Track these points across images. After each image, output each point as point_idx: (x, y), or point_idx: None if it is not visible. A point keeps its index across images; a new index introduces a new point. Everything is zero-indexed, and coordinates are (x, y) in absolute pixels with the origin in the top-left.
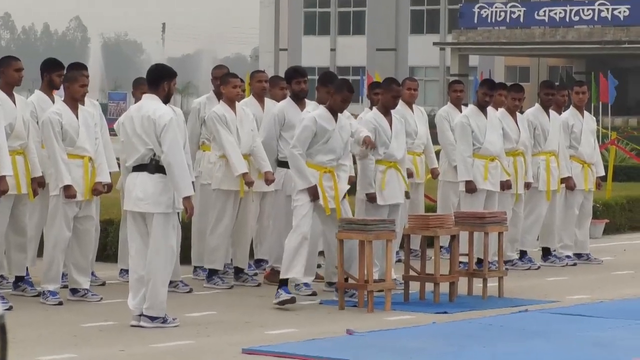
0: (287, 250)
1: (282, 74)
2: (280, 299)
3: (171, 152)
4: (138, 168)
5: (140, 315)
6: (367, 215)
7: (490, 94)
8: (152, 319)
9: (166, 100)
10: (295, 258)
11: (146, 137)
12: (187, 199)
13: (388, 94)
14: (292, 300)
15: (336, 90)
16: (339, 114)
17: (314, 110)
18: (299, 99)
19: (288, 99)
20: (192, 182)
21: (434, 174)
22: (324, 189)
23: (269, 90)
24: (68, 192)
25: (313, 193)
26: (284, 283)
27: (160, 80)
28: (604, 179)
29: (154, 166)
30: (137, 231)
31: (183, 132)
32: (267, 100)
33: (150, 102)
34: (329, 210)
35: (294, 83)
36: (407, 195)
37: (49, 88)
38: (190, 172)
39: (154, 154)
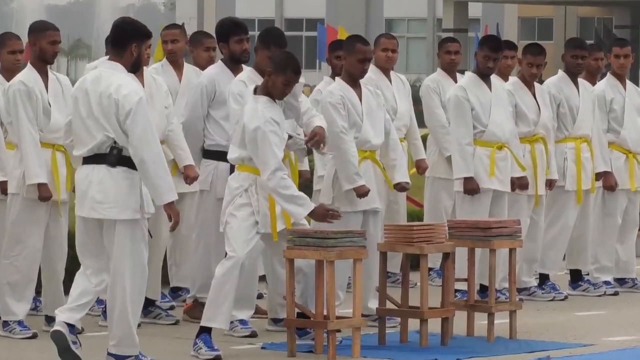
0: (215, 286)
1: (208, 29)
2: (201, 357)
3: (144, 146)
4: (92, 159)
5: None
6: (329, 225)
7: (494, 56)
8: (122, 358)
9: (134, 69)
10: (225, 302)
11: (105, 122)
12: (169, 205)
13: (351, 57)
14: (218, 358)
15: (276, 69)
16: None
17: (257, 100)
18: (237, 64)
19: (220, 63)
20: None
21: (421, 167)
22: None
23: (190, 51)
24: None
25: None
26: (205, 330)
27: (126, 41)
28: None
29: (115, 157)
30: (92, 243)
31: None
32: (186, 66)
33: (112, 74)
34: (276, 236)
35: (233, 42)
36: (402, 187)
37: None
38: None
39: (115, 142)
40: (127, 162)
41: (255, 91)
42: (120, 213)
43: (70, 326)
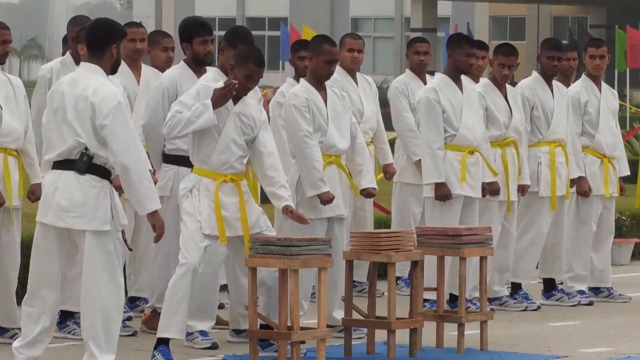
0: (168, 295)
1: (166, 28)
2: None
3: (124, 152)
4: (61, 165)
5: None
6: (293, 232)
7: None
8: None
9: (114, 70)
10: (177, 311)
11: (78, 126)
12: (152, 215)
13: (318, 58)
14: None
15: (238, 62)
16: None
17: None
18: (200, 66)
19: (182, 64)
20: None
21: (388, 172)
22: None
23: (147, 51)
24: None
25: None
26: (163, 342)
27: (105, 42)
28: (631, 179)
29: (84, 164)
30: (51, 254)
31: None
32: (144, 68)
33: (90, 77)
34: (224, 239)
35: (197, 43)
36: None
37: None
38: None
39: (86, 148)
40: (97, 170)
41: None
42: (87, 223)
43: None
